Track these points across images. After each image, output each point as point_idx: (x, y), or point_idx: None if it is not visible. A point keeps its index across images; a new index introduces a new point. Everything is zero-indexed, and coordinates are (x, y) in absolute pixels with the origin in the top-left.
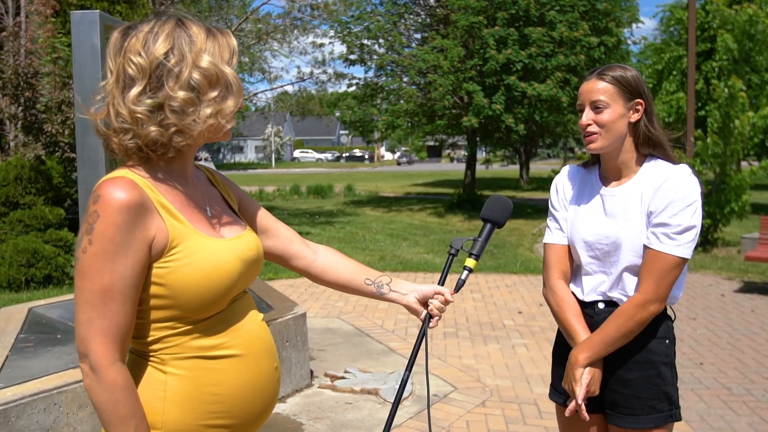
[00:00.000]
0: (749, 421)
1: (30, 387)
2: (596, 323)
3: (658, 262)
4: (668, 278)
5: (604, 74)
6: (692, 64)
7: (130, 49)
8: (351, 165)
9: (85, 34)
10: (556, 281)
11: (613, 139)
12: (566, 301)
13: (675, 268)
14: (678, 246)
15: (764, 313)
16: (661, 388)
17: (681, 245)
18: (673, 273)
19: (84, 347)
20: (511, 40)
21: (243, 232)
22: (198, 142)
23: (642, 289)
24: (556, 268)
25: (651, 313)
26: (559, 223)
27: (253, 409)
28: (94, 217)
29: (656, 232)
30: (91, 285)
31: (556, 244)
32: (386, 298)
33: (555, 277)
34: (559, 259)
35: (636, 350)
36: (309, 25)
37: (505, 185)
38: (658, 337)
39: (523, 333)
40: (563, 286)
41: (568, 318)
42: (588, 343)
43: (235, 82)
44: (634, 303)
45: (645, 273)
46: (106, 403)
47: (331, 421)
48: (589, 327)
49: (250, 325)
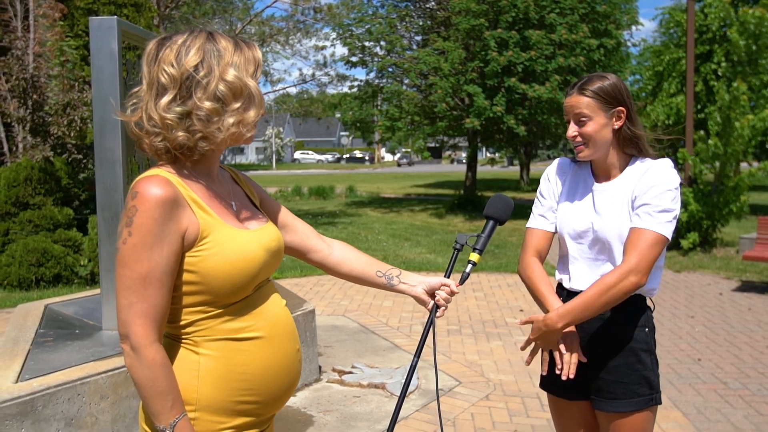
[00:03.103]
0: (745, 413)
1: (54, 378)
2: None
3: (640, 238)
4: (649, 253)
5: (584, 89)
6: (691, 66)
7: (164, 60)
8: (351, 166)
9: (103, 39)
10: (529, 257)
11: (599, 147)
12: (537, 272)
13: (655, 245)
14: (658, 224)
15: (761, 311)
16: (641, 374)
17: (660, 223)
18: (654, 249)
19: (125, 329)
20: (512, 42)
21: (265, 225)
22: (221, 147)
23: (625, 260)
24: (531, 247)
25: (632, 283)
26: (544, 211)
27: (278, 387)
28: (133, 211)
29: (639, 212)
30: (131, 272)
31: (536, 229)
32: (396, 289)
33: (529, 255)
34: (537, 241)
35: (618, 338)
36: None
37: (505, 186)
38: (638, 325)
39: (524, 330)
40: (535, 261)
41: (540, 288)
42: (566, 308)
43: (257, 94)
44: (617, 273)
45: (628, 248)
46: (145, 379)
47: (341, 414)
48: None
49: (274, 309)
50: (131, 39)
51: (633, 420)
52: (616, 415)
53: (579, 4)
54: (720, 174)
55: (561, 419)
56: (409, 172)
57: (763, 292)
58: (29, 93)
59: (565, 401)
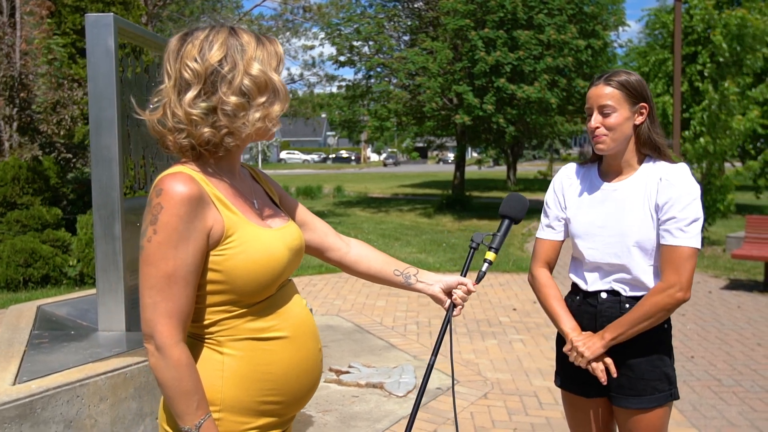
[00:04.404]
0: (740, 410)
1: (53, 380)
2: (599, 312)
3: (675, 254)
4: (690, 268)
5: (610, 80)
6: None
7: (186, 55)
8: (338, 166)
9: (99, 36)
10: (538, 270)
11: (620, 141)
12: (547, 286)
13: (691, 258)
14: (690, 238)
15: (750, 309)
16: (662, 370)
17: (692, 237)
18: (691, 262)
19: (149, 328)
20: (500, 42)
21: (287, 223)
22: (245, 143)
23: (666, 278)
24: (541, 258)
25: (678, 300)
26: (551, 221)
27: (301, 387)
28: (158, 209)
29: (669, 228)
30: (156, 271)
31: (544, 240)
32: (413, 288)
33: (538, 266)
34: (545, 251)
35: (640, 336)
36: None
37: (492, 186)
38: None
39: (518, 329)
40: (545, 273)
41: (551, 303)
42: (616, 324)
43: (282, 88)
44: (664, 293)
45: (665, 266)
46: (171, 380)
47: (340, 414)
48: (593, 317)
49: (297, 308)
50: (127, 36)
51: (653, 415)
52: (637, 411)
53: (567, 5)
54: (707, 174)
55: (576, 416)
56: (396, 172)
57: (751, 290)
58: (16, 91)
59: (582, 399)
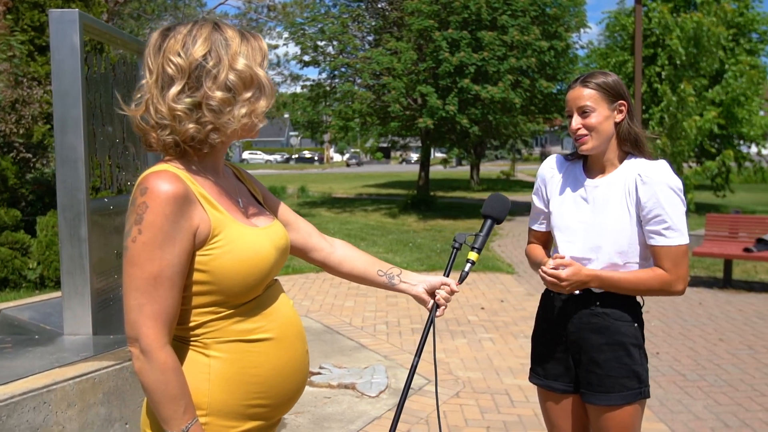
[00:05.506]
0: (705, 404)
1: (19, 386)
2: (566, 307)
3: (670, 253)
4: (686, 264)
5: (587, 81)
6: (639, 69)
7: (169, 50)
8: (301, 167)
9: (64, 33)
10: (531, 243)
11: (602, 140)
12: (534, 247)
13: (686, 254)
14: (681, 235)
15: (711, 305)
16: (631, 367)
17: (683, 234)
18: (686, 258)
19: (134, 331)
20: (464, 43)
21: (273, 222)
22: (231, 140)
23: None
24: (533, 237)
25: (677, 291)
26: (537, 213)
27: (288, 389)
28: (143, 207)
29: (658, 230)
30: (141, 272)
31: (535, 230)
32: (397, 288)
33: (531, 242)
34: (538, 238)
35: (608, 333)
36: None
37: (456, 186)
38: (628, 321)
39: (487, 328)
40: (535, 244)
41: (535, 251)
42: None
43: (268, 83)
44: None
45: (663, 264)
46: (157, 383)
47: (312, 415)
48: (558, 310)
49: (284, 309)
50: (92, 33)
51: (622, 413)
52: (606, 408)
53: (530, 7)
54: None
55: (550, 412)
56: (359, 172)
57: (711, 286)
58: None
59: (555, 394)
